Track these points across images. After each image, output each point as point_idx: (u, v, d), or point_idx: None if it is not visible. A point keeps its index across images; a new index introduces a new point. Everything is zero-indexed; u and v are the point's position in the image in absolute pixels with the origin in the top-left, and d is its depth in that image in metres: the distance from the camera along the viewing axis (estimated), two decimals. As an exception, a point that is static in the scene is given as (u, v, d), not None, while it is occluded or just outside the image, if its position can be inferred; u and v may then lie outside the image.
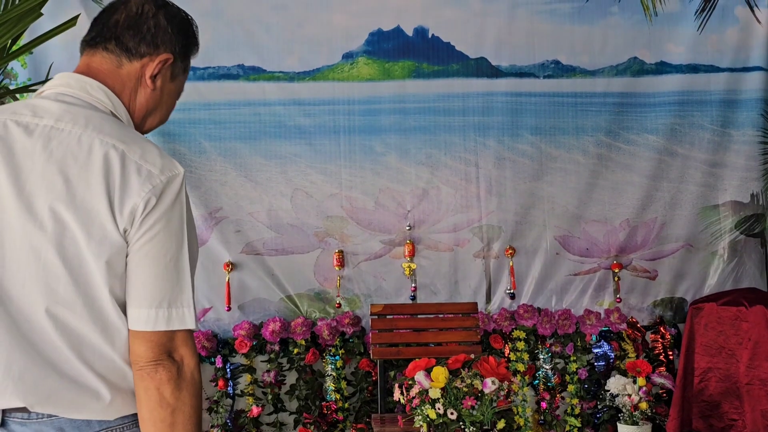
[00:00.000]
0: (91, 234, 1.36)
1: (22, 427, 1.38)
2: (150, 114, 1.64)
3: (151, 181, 1.41)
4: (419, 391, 2.25)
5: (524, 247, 4.73)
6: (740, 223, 4.77)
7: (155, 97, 1.62)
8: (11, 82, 4.57)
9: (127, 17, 1.57)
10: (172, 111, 1.73)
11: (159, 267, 1.43)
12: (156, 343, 1.41)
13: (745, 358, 4.15)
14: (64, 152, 1.39)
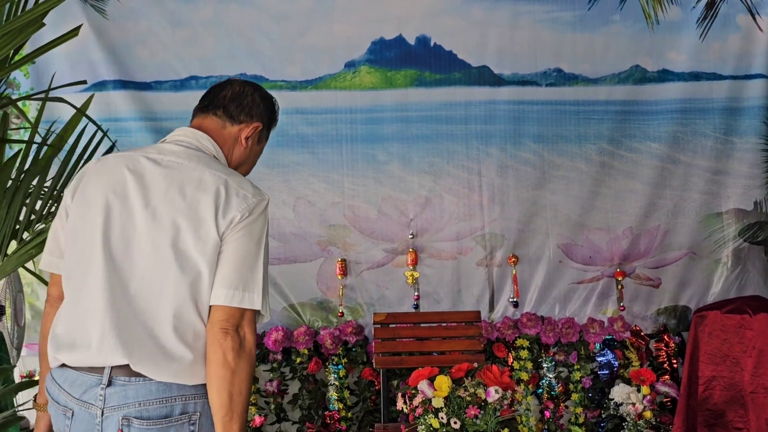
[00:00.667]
0: (199, 236, 1.89)
1: (122, 387, 1.81)
2: (240, 166, 2.23)
3: (246, 201, 1.99)
4: (422, 401, 2.24)
5: (527, 256, 4.72)
6: (744, 230, 4.76)
7: (246, 154, 2.23)
8: (14, 91, 4.58)
9: (232, 93, 2.19)
10: (253, 167, 2.32)
11: (240, 260, 1.92)
12: (229, 316, 1.86)
13: (749, 367, 4.13)
14: (182, 179, 1.94)
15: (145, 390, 1.81)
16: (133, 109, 4.59)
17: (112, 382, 1.82)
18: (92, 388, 1.83)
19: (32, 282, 4.50)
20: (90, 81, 4.51)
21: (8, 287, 3.70)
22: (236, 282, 1.90)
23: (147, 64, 4.65)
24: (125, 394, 1.80)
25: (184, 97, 4.65)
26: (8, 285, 3.70)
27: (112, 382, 1.82)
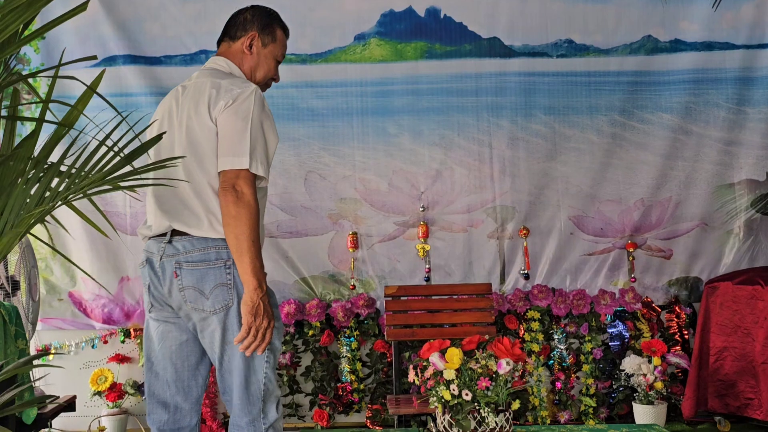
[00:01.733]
0: (202, 127, 2.47)
1: (178, 243, 2.45)
2: (255, 71, 2.72)
3: (232, 93, 2.48)
4: (434, 373, 2.25)
5: (538, 228, 4.72)
6: (756, 201, 4.74)
7: (255, 59, 2.71)
8: (24, 67, 4.58)
9: (231, 19, 2.79)
10: (274, 68, 2.78)
11: (229, 134, 2.44)
12: (226, 177, 2.39)
13: (761, 337, 4.13)
14: (194, 92, 2.54)
15: (189, 243, 2.43)
16: (144, 84, 4.59)
17: (170, 241, 2.46)
18: (158, 245, 2.52)
19: (46, 257, 4.54)
20: (100, 56, 4.51)
21: (23, 262, 3.74)
22: (227, 151, 2.41)
23: (157, 39, 4.64)
24: (175, 247, 2.45)
25: (193, 71, 4.62)
26: (22, 260, 3.74)
27: (170, 241, 2.46)
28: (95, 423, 4.53)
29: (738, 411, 4.23)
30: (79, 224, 4.32)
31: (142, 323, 4.63)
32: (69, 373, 4.26)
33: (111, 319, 4.65)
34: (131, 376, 4.65)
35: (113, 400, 4.51)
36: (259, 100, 2.51)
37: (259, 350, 2.37)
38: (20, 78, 1.96)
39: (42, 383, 4.20)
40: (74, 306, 4.66)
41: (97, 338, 4.68)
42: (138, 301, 4.65)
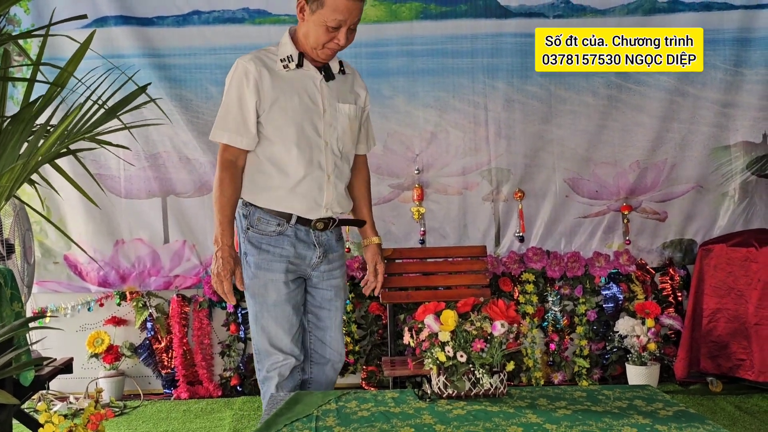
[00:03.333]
0: None
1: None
2: (306, 38, 2.70)
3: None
4: (429, 335, 2.26)
5: (533, 190, 4.71)
6: (752, 163, 4.74)
7: (306, 26, 2.68)
8: (14, 28, 4.53)
9: None
10: (324, 35, 2.66)
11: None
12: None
13: (754, 299, 4.15)
14: None
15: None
16: (136, 45, 4.54)
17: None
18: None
19: (41, 220, 4.52)
20: (91, 17, 4.46)
21: (17, 225, 3.73)
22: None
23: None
24: None
25: (186, 33, 4.60)
26: (17, 223, 3.72)
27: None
28: (92, 385, 4.56)
29: (730, 372, 4.27)
30: (72, 187, 4.30)
31: (138, 286, 4.65)
32: (65, 335, 4.27)
33: (107, 282, 4.65)
34: (127, 338, 4.67)
35: (110, 362, 4.53)
36: (232, 73, 2.73)
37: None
38: (10, 38, 1.94)
39: (39, 346, 4.21)
40: (69, 269, 4.66)
41: (93, 301, 4.69)
42: (133, 264, 4.65)
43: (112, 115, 2.04)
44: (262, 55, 2.77)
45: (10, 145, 1.87)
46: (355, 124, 2.85)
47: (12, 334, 2.02)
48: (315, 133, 2.74)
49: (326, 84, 2.78)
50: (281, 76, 2.73)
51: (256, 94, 2.70)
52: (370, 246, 3.02)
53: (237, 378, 4.59)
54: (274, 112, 2.71)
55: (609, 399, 2.24)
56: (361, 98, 2.91)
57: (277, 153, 2.73)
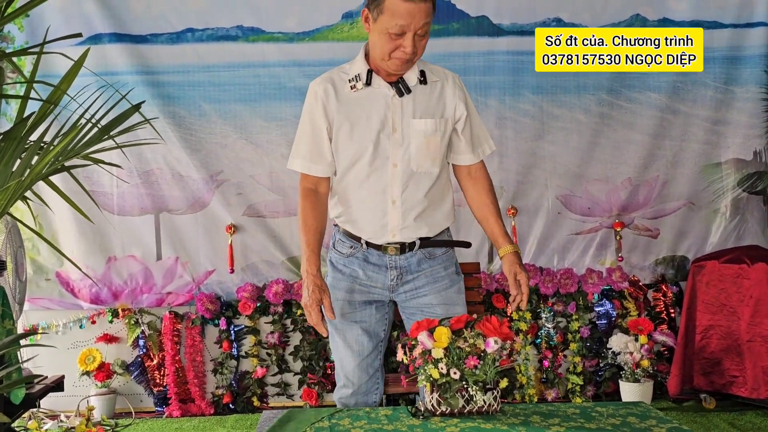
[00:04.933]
0: None
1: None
2: (374, 48, 2.54)
3: None
4: (422, 351, 2.26)
5: (526, 207, 4.72)
6: (743, 180, 4.76)
7: (372, 38, 2.53)
8: (8, 45, 4.54)
9: None
10: (388, 43, 2.47)
11: None
12: None
13: (746, 316, 4.16)
14: None
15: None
16: (129, 62, 4.55)
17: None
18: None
19: (33, 237, 4.51)
20: (85, 34, 4.46)
21: (9, 242, 3.72)
22: None
23: (142, 17, 4.60)
24: None
25: (180, 50, 4.61)
26: (9, 240, 3.71)
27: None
28: (84, 403, 4.53)
29: (723, 388, 4.27)
30: (65, 204, 4.29)
31: (130, 303, 4.63)
32: (57, 353, 4.25)
33: (99, 299, 4.64)
34: (119, 356, 4.64)
35: (102, 380, 4.51)
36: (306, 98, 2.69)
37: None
38: (4, 56, 1.94)
39: (30, 364, 4.19)
40: (61, 286, 4.64)
41: (85, 318, 4.67)
42: (125, 281, 4.64)
43: (106, 134, 2.04)
44: (333, 75, 2.67)
45: (3, 162, 1.87)
46: (434, 140, 2.61)
47: (3, 352, 2.01)
48: (382, 155, 2.59)
49: (399, 100, 2.59)
50: (349, 98, 2.61)
51: (326, 118, 2.61)
52: (506, 256, 2.66)
53: (229, 396, 4.57)
54: (341, 136, 2.61)
55: (602, 416, 2.24)
56: (449, 108, 2.65)
57: (342, 177, 2.66)
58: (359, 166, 2.61)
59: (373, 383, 2.72)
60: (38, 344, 4.28)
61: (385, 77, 2.59)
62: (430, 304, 2.65)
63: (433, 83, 2.64)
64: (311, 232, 2.61)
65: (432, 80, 2.64)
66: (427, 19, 2.45)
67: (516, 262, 2.64)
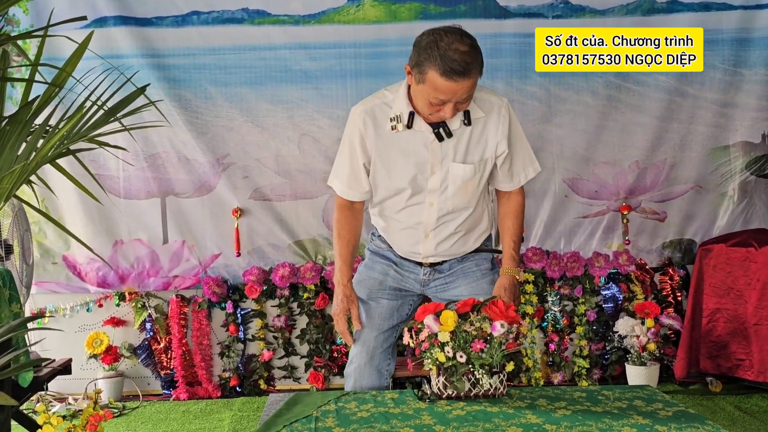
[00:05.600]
0: None
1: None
2: (415, 100, 2.51)
3: None
4: (428, 335, 2.26)
5: (533, 190, 4.71)
6: (751, 163, 4.74)
7: (413, 89, 2.49)
8: (13, 28, 4.53)
9: None
10: (427, 107, 2.46)
11: None
12: None
13: (753, 299, 4.15)
14: None
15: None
16: (135, 45, 4.54)
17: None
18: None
19: (39, 221, 4.52)
20: (90, 17, 4.45)
21: (15, 226, 3.72)
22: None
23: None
24: None
25: (185, 33, 4.60)
26: (15, 224, 3.72)
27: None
28: (91, 386, 4.55)
29: (729, 372, 4.27)
30: (71, 188, 4.29)
31: (137, 287, 4.64)
32: (64, 336, 4.27)
33: (105, 282, 4.65)
34: (126, 339, 4.66)
35: (109, 362, 4.53)
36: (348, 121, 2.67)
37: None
38: (9, 39, 1.93)
39: (38, 347, 4.21)
40: (68, 269, 4.65)
41: (92, 302, 4.68)
42: (132, 265, 4.65)
43: (112, 117, 2.04)
44: (376, 108, 2.61)
45: (9, 145, 1.87)
46: (472, 183, 2.63)
47: (10, 335, 2.01)
48: (419, 194, 2.63)
49: (439, 144, 2.55)
50: (390, 136, 2.58)
51: (364, 153, 2.62)
52: (502, 276, 2.70)
53: (236, 379, 4.59)
54: (378, 172, 2.64)
55: (609, 399, 2.24)
56: (491, 147, 2.61)
57: (380, 200, 2.72)
58: (396, 199, 2.67)
59: (385, 357, 2.74)
60: (45, 327, 4.30)
61: (428, 119, 2.52)
62: (460, 295, 2.66)
63: (477, 120, 2.58)
64: (345, 244, 2.70)
65: (477, 117, 2.57)
66: (470, 91, 2.43)
67: (504, 286, 2.65)
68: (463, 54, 2.35)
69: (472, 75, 2.36)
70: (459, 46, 2.36)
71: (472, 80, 2.38)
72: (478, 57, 2.40)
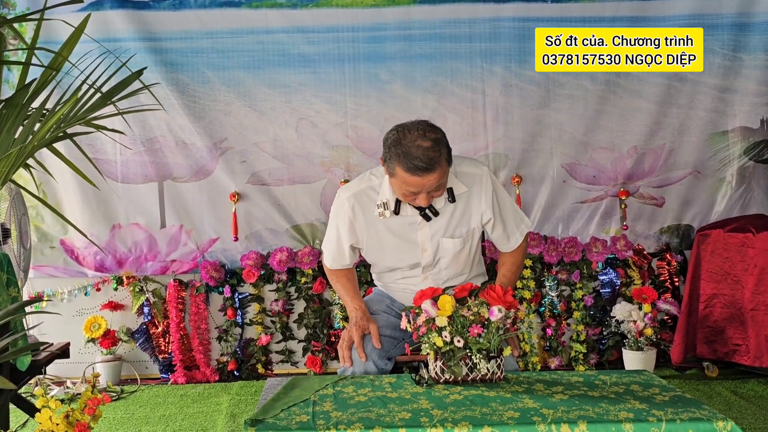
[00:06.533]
0: None
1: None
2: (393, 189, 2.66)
3: None
4: (426, 320, 2.26)
5: (531, 175, 4.70)
6: (749, 149, 4.73)
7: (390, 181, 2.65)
8: (9, 11, 4.50)
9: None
10: (404, 197, 2.63)
11: None
12: None
13: (750, 284, 4.16)
14: None
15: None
16: (132, 29, 4.51)
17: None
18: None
19: (37, 205, 4.51)
20: (87, 0, 4.43)
21: (13, 210, 3.71)
22: None
23: (144, -18, 4.56)
24: None
25: (183, 16, 4.58)
26: (13, 207, 3.71)
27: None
28: (89, 369, 4.56)
29: (726, 357, 4.28)
30: (68, 172, 4.29)
31: (134, 271, 4.64)
32: (62, 320, 4.27)
33: (103, 266, 4.65)
34: (124, 323, 4.67)
35: (107, 346, 4.53)
36: (334, 202, 2.82)
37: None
38: (5, 22, 1.92)
39: (36, 331, 4.21)
40: (66, 254, 4.65)
41: (90, 286, 4.68)
42: (130, 249, 4.65)
43: (108, 101, 2.03)
44: (362, 194, 2.77)
45: (5, 128, 1.86)
46: (463, 253, 2.81)
47: (8, 319, 2.01)
48: (413, 269, 2.82)
49: (427, 224, 2.74)
50: (377, 222, 2.75)
51: (352, 236, 2.80)
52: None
53: (234, 363, 4.60)
54: (371, 252, 2.83)
55: (605, 384, 2.24)
56: (475, 218, 2.78)
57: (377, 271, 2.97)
58: (391, 274, 2.88)
59: (381, 357, 2.72)
60: (43, 311, 4.31)
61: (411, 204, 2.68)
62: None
63: (460, 195, 2.73)
64: (346, 282, 2.88)
65: (460, 192, 2.73)
66: (440, 179, 2.55)
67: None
68: (425, 150, 2.48)
69: (436, 169, 2.50)
70: (422, 143, 2.49)
71: (437, 173, 2.51)
72: (442, 150, 2.52)
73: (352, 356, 2.68)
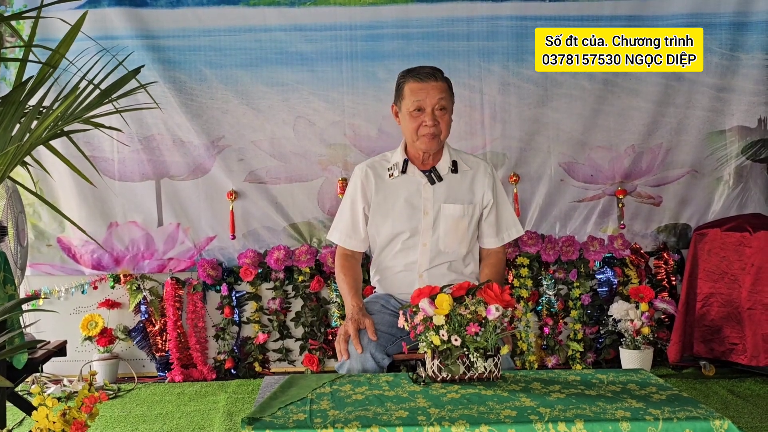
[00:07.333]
0: None
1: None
2: (406, 134, 2.96)
3: None
4: (423, 318, 2.26)
5: (528, 174, 4.70)
6: (747, 148, 4.73)
7: (402, 126, 2.96)
8: (6, 8, 4.49)
9: None
10: (411, 123, 2.88)
11: None
12: None
13: (747, 283, 4.16)
14: None
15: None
16: (129, 26, 4.51)
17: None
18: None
19: (34, 203, 4.50)
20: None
21: (10, 208, 3.71)
22: None
23: (142, -20, 4.55)
24: None
25: (181, 14, 4.57)
26: (10, 205, 3.71)
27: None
28: (86, 368, 4.56)
29: (723, 356, 4.29)
30: (66, 170, 4.28)
31: (131, 269, 4.64)
32: (59, 318, 4.27)
33: (100, 264, 4.64)
34: (121, 321, 4.66)
35: (104, 345, 4.53)
36: (351, 179, 3.05)
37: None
38: (2, 19, 1.92)
39: (32, 329, 4.21)
40: (63, 252, 4.64)
41: (87, 284, 4.68)
42: (127, 247, 4.64)
43: (106, 98, 2.03)
44: (376, 163, 3.04)
45: (2, 126, 1.85)
46: (463, 223, 2.95)
47: (5, 317, 2.01)
48: (414, 235, 2.93)
49: (431, 187, 2.94)
50: (387, 183, 2.97)
51: (364, 200, 2.99)
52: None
53: (231, 361, 4.60)
54: (376, 215, 2.97)
55: (602, 383, 2.24)
56: (478, 195, 2.99)
57: (379, 253, 3.02)
58: (394, 243, 2.96)
59: (380, 351, 2.71)
60: (40, 309, 4.30)
61: (420, 166, 2.97)
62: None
63: (464, 172, 3.00)
64: (351, 281, 2.94)
65: (463, 170, 3.00)
66: (442, 95, 2.86)
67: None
68: (428, 67, 2.91)
69: (440, 78, 2.87)
70: (425, 66, 2.92)
71: (440, 84, 2.87)
72: (443, 73, 2.91)
73: (348, 349, 2.68)
